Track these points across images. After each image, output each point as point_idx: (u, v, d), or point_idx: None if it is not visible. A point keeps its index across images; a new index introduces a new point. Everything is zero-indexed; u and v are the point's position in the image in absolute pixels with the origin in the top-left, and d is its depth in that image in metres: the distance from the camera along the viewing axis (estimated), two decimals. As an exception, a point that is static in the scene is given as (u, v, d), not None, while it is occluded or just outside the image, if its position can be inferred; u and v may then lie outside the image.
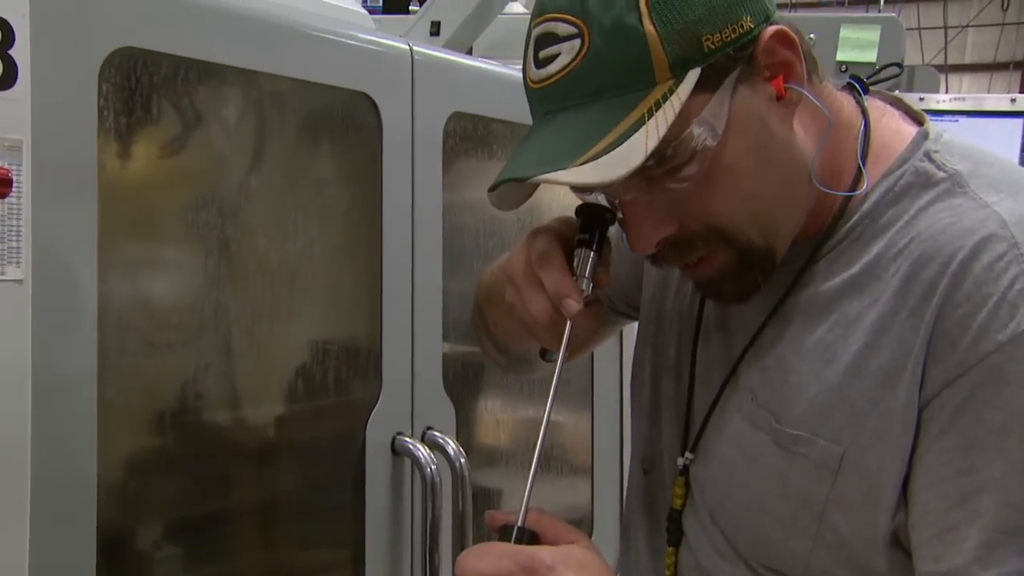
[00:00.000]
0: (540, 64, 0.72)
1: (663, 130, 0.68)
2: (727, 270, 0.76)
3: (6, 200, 0.89)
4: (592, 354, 1.66)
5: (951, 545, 0.69)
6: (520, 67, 0.76)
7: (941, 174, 0.75)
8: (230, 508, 1.27)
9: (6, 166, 0.89)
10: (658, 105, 0.68)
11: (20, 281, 0.92)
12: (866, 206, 0.77)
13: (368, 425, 1.30)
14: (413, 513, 1.35)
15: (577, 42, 0.69)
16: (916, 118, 0.82)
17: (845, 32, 2.42)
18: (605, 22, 0.68)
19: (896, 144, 0.78)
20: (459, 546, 1.34)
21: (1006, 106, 2.63)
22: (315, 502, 1.34)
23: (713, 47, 0.69)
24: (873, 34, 2.41)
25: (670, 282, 0.92)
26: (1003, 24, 8.63)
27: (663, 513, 0.86)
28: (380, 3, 2.81)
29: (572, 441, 1.74)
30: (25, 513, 0.93)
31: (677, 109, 0.68)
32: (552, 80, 0.71)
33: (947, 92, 3.65)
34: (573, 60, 0.70)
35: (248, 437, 1.28)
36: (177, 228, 1.18)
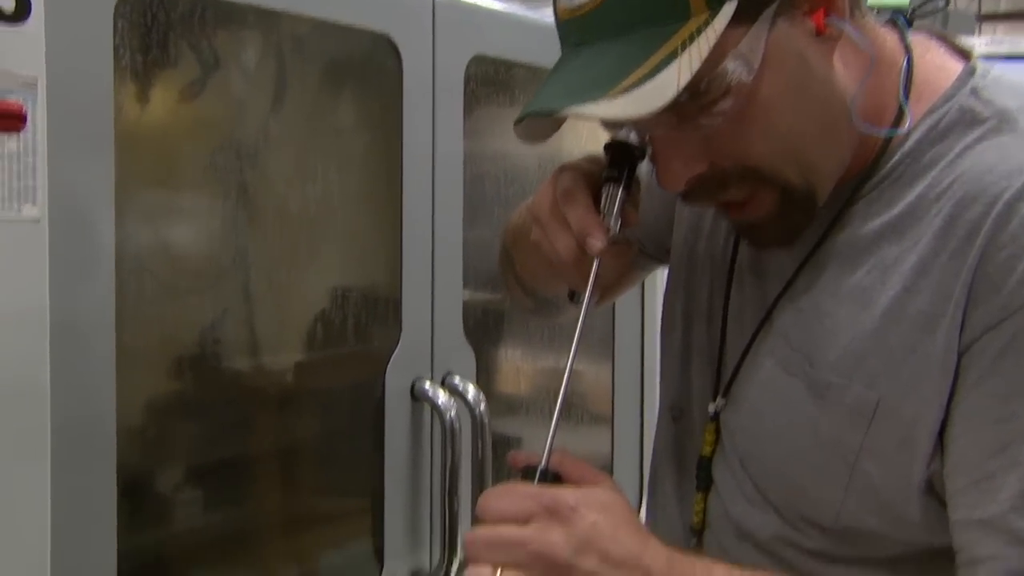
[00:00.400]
0: None
1: (697, 64, 0.65)
2: (772, 214, 0.73)
3: (21, 136, 0.88)
4: (613, 302, 1.64)
5: (987, 494, 0.67)
6: (542, 10, 0.73)
7: (988, 111, 0.72)
8: (249, 453, 1.27)
9: (21, 101, 0.88)
10: (692, 38, 0.65)
11: (37, 220, 0.91)
12: (908, 145, 0.74)
13: (387, 371, 1.30)
14: (432, 459, 1.35)
15: None
16: (963, 54, 0.78)
17: (876, -25, 2.35)
18: None
19: (941, 81, 0.75)
20: (478, 492, 1.34)
21: (1049, 51, 2.54)
22: (334, 448, 1.34)
23: None
24: (905, -23, 2.34)
25: (702, 225, 0.90)
26: (1040, -29, 8.38)
27: (692, 460, 0.85)
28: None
29: (592, 389, 1.73)
30: (46, 455, 0.93)
31: (712, 42, 0.65)
32: (583, 10, 0.68)
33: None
34: None
35: (268, 383, 1.28)
36: (195, 172, 1.16)
